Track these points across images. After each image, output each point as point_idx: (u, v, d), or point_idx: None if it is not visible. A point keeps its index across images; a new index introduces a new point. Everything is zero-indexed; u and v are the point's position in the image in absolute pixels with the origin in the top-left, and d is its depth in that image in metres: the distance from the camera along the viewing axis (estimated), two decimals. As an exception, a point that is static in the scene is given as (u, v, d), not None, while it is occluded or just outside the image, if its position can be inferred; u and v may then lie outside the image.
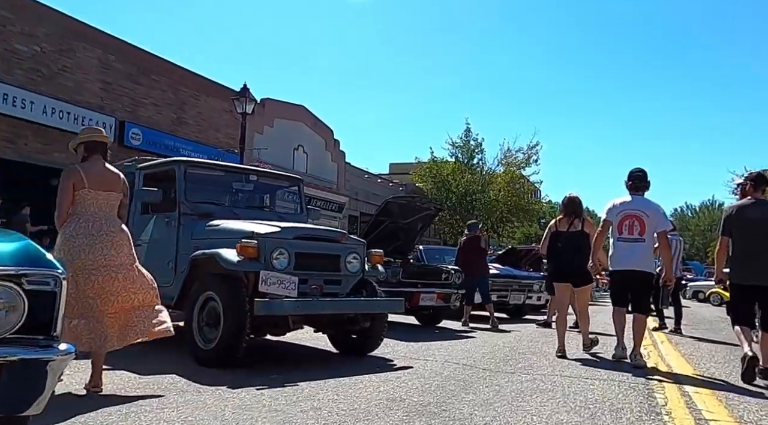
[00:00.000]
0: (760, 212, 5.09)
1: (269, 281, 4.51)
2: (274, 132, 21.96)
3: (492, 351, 6.31)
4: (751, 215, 5.12)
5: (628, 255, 5.58)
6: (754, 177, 5.32)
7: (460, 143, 32.19)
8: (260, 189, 6.51)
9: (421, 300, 8.50)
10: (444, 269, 9.24)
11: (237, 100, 15.06)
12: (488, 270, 9.71)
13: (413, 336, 7.60)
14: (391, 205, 8.71)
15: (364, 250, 5.57)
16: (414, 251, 12.36)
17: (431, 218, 9.37)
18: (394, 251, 9.59)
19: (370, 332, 5.58)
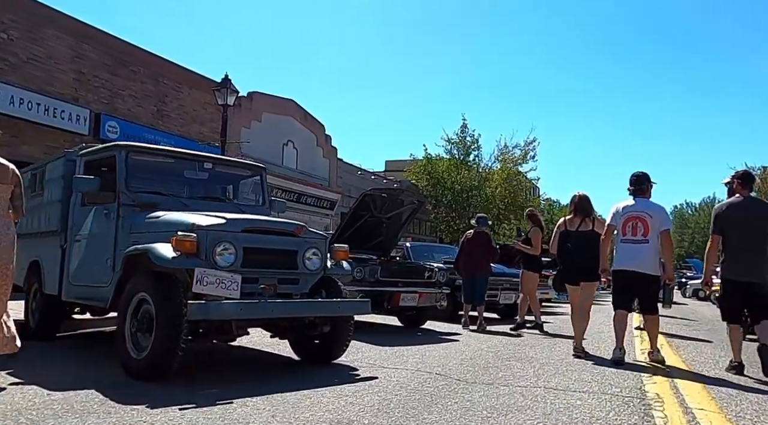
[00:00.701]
0: (748, 210, 5.20)
1: (205, 280, 3.89)
2: (262, 127, 21.35)
3: (472, 357, 5.71)
4: (740, 212, 5.20)
5: (632, 256, 5.55)
6: (740, 175, 5.42)
7: (455, 139, 31.57)
8: (218, 179, 5.89)
9: (402, 301, 7.89)
10: (427, 266, 8.62)
11: (218, 91, 14.43)
12: (491, 271, 8.85)
13: (391, 340, 6.99)
14: (371, 198, 8.09)
15: (325, 245, 4.95)
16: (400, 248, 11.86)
17: (414, 211, 8.75)
18: (376, 247, 9.00)
19: (334, 337, 4.97)
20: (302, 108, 24.12)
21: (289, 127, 23.19)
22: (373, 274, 7.74)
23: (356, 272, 7.59)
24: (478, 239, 8.72)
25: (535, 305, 8.77)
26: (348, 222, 8.17)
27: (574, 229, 6.26)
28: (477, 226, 9.03)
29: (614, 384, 4.52)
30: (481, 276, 8.66)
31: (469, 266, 8.65)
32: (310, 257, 4.79)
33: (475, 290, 8.68)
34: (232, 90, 14.49)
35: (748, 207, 5.24)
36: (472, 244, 8.72)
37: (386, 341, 6.84)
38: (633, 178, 5.82)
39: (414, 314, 8.77)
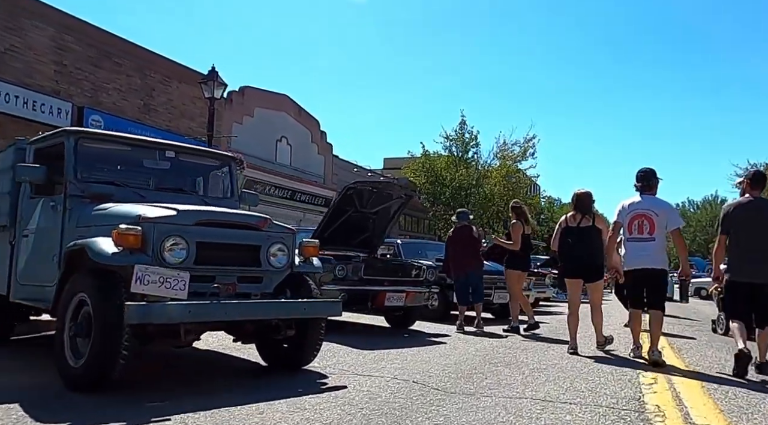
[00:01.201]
0: (757, 211, 5.14)
1: (146, 279, 3.44)
2: (255, 122, 20.89)
3: (458, 362, 5.26)
4: (748, 213, 5.15)
5: (639, 254, 5.56)
6: (751, 176, 5.38)
7: (454, 135, 31.10)
8: (182, 169, 5.42)
9: (387, 300, 7.43)
10: (415, 264, 8.16)
11: (204, 84, 13.95)
12: (482, 265, 8.38)
13: (374, 342, 6.55)
14: (354, 191, 7.64)
15: (293, 240, 4.50)
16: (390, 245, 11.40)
17: (403, 205, 8.29)
18: (363, 244, 8.55)
19: (302, 341, 4.52)
20: (296, 103, 23.66)
21: (283, 123, 22.72)
22: (356, 272, 7.28)
23: (338, 270, 7.15)
24: (461, 235, 8.25)
25: (525, 305, 8.22)
26: (331, 218, 7.72)
27: (575, 225, 6.28)
28: (458, 221, 8.52)
29: (610, 394, 4.07)
30: (474, 273, 8.19)
31: (458, 266, 8.17)
32: (275, 253, 4.34)
33: (470, 290, 8.22)
34: (220, 83, 14.01)
35: (757, 208, 5.17)
36: (457, 242, 8.26)
37: (368, 343, 6.40)
38: (640, 174, 5.76)
39: (402, 315, 8.33)
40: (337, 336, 6.91)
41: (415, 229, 35.60)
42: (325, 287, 7.12)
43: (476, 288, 8.22)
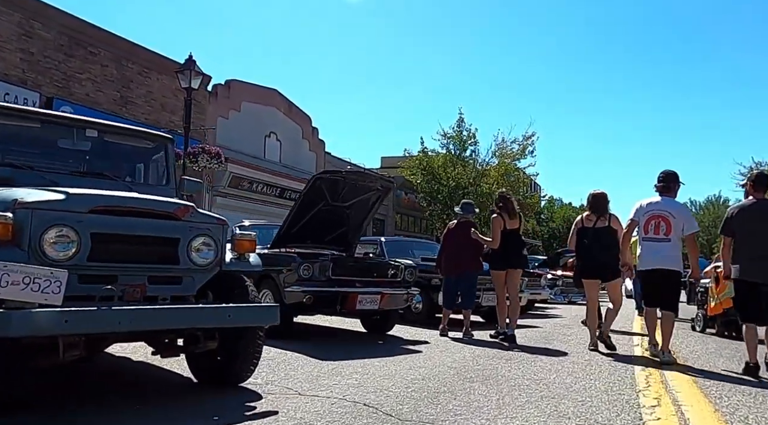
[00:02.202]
0: (761, 212, 5.15)
1: (4, 280, 2.68)
2: (242, 117, 20.15)
3: (427, 377, 4.50)
4: (752, 215, 5.17)
5: (654, 255, 5.60)
6: (753, 178, 5.39)
7: (452, 133, 30.36)
8: (107, 151, 4.67)
9: (359, 303, 6.66)
10: (392, 263, 7.39)
11: (181, 73, 13.20)
12: (480, 267, 7.42)
13: (339, 351, 5.80)
14: (323, 182, 6.87)
15: (224, 232, 3.74)
16: (374, 244, 10.64)
17: (381, 198, 7.52)
18: (338, 241, 7.80)
19: (233, 355, 3.77)
20: (286, 98, 22.90)
21: (272, 118, 21.96)
22: (323, 272, 6.51)
23: (303, 270, 6.39)
24: (462, 230, 7.43)
25: (500, 310, 7.17)
26: (298, 212, 6.96)
27: (591, 225, 6.33)
28: (461, 214, 7.70)
29: (602, 421, 3.31)
30: (469, 275, 7.40)
31: (453, 264, 7.38)
32: (199, 248, 3.58)
33: (459, 293, 7.43)
34: (197, 72, 13.23)
35: (762, 209, 5.17)
36: (457, 236, 7.44)
37: (332, 352, 5.65)
38: (662, 175, 5.81)
39: (379, 319, 7.57)
40: (300, 343, 6.20)
41: (413, 229, 34.88)
42: (289, 288, 6.40)
43: (467, 292, 7.43)
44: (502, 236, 6.86)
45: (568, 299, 17.22)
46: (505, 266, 6.91)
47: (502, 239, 6.86)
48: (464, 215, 7.57)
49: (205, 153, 12.60)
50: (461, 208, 7.74)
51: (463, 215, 7.59)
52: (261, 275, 6.88)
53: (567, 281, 17.36)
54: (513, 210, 6.98)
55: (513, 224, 6.95)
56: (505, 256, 6.88)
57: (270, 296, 6.71)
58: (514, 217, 6.98)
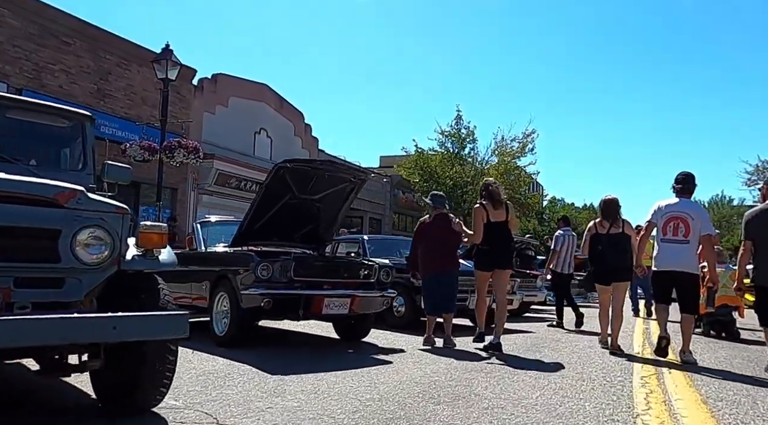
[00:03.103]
0: None
1: None
2: (230, 113, 19.47)
3: (385, 397, 3.78)
4: None
5: (672, 256, 5.60)
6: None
7: (450, 131, 29.61)
8: (12, 130, 3.98)
9: (326, 307, 5.95)
10: (364, 262, 6.67)
11: (157, 63, 12.52)
12: (458, 265, 6.80)
13: (298, 362, 5.10)
14: (288, 171, 6.15)
15: (123, 223, 3.04)
16: (356, 242, 9.94)
17: (354, 190, 6.80)
18: (307, 238, 7.10)
19: (137, 375, 3.06)
20: (277, 94, 22.22)
21: (262, 114, 21.28)
22: (284, 272, 5.80)
23: (260, 270, 5.69)
24: (436, 225, 6.70)
25: (479, 313, 6.43)
26: (260, 205, 6.25)
27: (604, 232, 6.38)
28: (433, 206, 6.90)
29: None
30: (449, 274, 6.65)
31: (428, 264, 6.64)
32: (88, 242, 2.88)
33: (441, 293, 6.70)
34: (174, 62, 12.57)
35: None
36: (429, 233, 6.73)
37: (289, 364, 4.95)
38: (681, 176, 5.80)
39: (353, 324, 6.86)
40: (258, 352, 5.52)
41: (411, 228, 34.13)
42: (246, 291, 5.69)
43: (448, 295, 6.67)
44: (486, 230, 6.10)
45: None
46: (491, 267, 6.16)
47: (486, 234, 6.09)
48: (436, 209, 6.81)
49: (182, 148, 11.92)
50: (431, 199, 6.95)
51: (434, 208, 6.82)
52: (217, 277, 6.22)
53: (567, 283, 16.63)
54: (498, 200, 6.16)
55: (498, 215, 6.13)
56: (490, 254, 6.11)
57: (226, 300, 6.02)
58: (500, 207, 6.15)
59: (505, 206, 6.24)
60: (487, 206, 6.14)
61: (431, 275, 6.64)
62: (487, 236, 6.08)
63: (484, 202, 6.22)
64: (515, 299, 9.23)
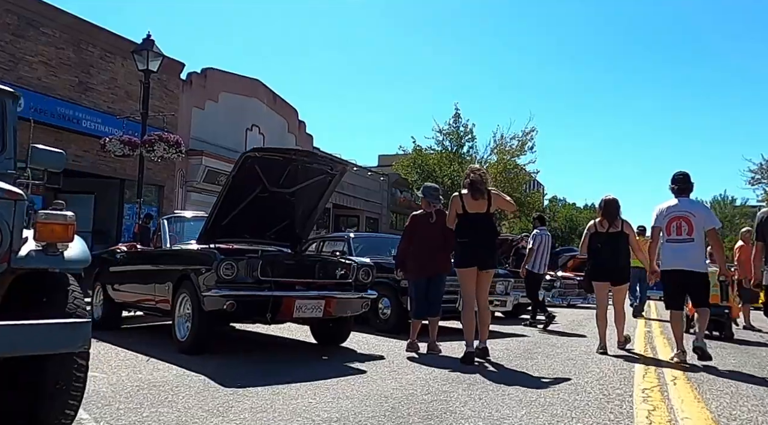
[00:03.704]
0: None
1: None
2: (220, 108, 18.95)
3: (344, 417, 3.25)
4: None
5: (678, 255, 5.61)
6: None
7: (448, 129, 29.06)
8: None
9: (297, 310, 5.42)
10: (342, 261, 6.13)
11: (138, 54, 12.04)
12: (449, 268, 6.04)
13: (263, 371, 4.58)
14: (256, 162, 5.61)
15: (15, 211, 2.52)
16: (343, 240, 9.42)
17: (332, 183, 6.27)
18: (282, 235, 6.58)
19: (39, 393, 2.54)
20: (270, 90, 21.69)
21: (254, 110, 20.75)
22: (251, 272, 5.27)
23: (223, 269, 5.16)
24: (428, 222, 6.12)
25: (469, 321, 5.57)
26: (228, 199, 5.73)
27: (604, 230, 6.40)
28: (426, 200, 6.27)
29: None
30: (441, 277, 6.13)
31: (420, 264, 6.09)
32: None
33: (428, 297, 6.13)
34: (156, 53, 12.09)
35: None
36: (420, 230, 6.16)
37: (252, 374, 4.42)
38: (679, 176, 5.84)
39: (331, 328, 6.34)
40: (221, 359, 5.02)
41: (407, 228, 33.61)
42: (207, 292, 5.16)
43: (435, 298, 6.13)
44: (463, 222, 5.52)
45: (567, 302, 15.85)
46: (473, 262, 5.49)
47: (464, 226, 5.52)
48: (430, 204, 6.27)
49: (162, 141, 11.40)
50: (424, 193, 6.35)
51: (428, 203, 6.28)
52: (179, 277, 5.69)
53: (566, 283, 16.06)
54: (477, 189, 5.44)
55: (477, 206, 5.45)
56: (470, 247, 5.47)
57: (188, 302, 5.50)
58: (480, 197, 5.44)
59: (488, 196, 5.53)
60: (465, 196, 5.52)
61: (421, 277, 6.11)
62: (464, 228, 5.51)
63: (463, 191, 5.61)
64: (508, 301, 8.68)
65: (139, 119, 12.36)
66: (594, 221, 6.63)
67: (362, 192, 29.04)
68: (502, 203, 5.81)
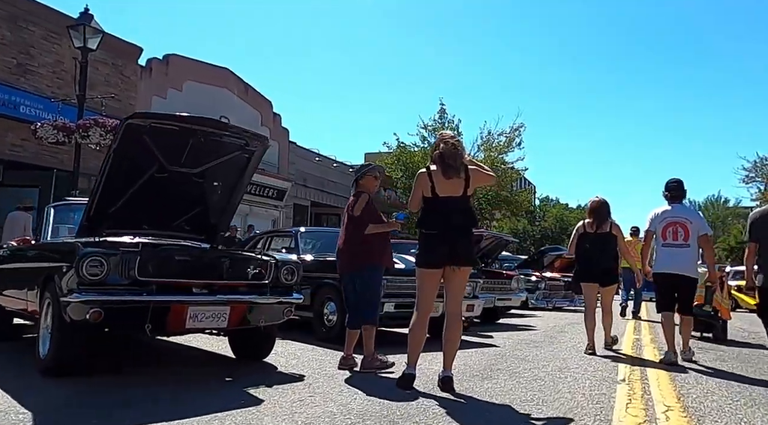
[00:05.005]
0: None
1: None
2: (185, 98, 17.71)
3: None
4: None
5: (673, 260, 5.69)
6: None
7: (433, 125, 27.96)
8: None
9: (191, 320, 4.24)
10: (255, 257, 4.92)
11: (74, 29, 10.82)
12: (391, 261, 5.26)
13: (127, 401, 3.43)
14: (144, 131, 4.41)
15: None
16: (288, 235, 8.25)
17: (251, 160, 5.07)
18: (197, 225, 5.43)
19: None
20: (241, 80, 20.52)
21: (223, 100, 19.53)
22: (126, 270, 4.10)
23: (88, 267, 3.96)
24: (367, 206, 4.98)
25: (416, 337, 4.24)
26: (111, 178, 4.55)
27: (592, 231, 6.39)
28: (363, 182, 5.12)
29: None
30: (370, 271, 4.93)
31: (345, 258, 5.00)
32: None
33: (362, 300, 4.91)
34: (95, 29, 10.88)
35: None
36: (359, 213, 4.95)
37: (104, 408, 3.27)
38: (673, 184, 5.93)
39: (253, 339, 5.17)
40: (80, 385, 3.87)
41: (395, 227, 32.51)
42: (67, 297, 3.97)
43: (367, 299, 4.90)
44: (434, 210, 4.19)
45: (552, 305, 14.69)
46: (441, 261, 4.14)
47: (435, 215, 4.18)
48: (372, 182, 5.14)
49: (99, 126, 10.19)
50: (358, 175, 5.21)
51: (365, 182, 5.13)
52: (45, 278, 4.49)
53: (552, 284, 14.91)
54: (450, 165, 4.13)
55: (449, 188, 4.14)
56: (443, 244, 4.11)
57: (51, 309, 4.31)
58: (453, 176, 4.12)
59: (465, 174, 4.17)
60: (435, 174, 4.19)
61: (350, 273, 4.98)
62: (433, 216, 4.19)
63: (432, 167, 4.25)
64: (476, 305, 7.49)
65: (74, 101, 11.13)
66: (583, 222, 6.59)
67: (343, 189, 27.84)
68: (483, 179, 4.45)
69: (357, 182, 5.22)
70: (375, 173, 5.27)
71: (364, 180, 5.18)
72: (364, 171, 5.25)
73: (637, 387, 4.36)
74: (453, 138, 4.36)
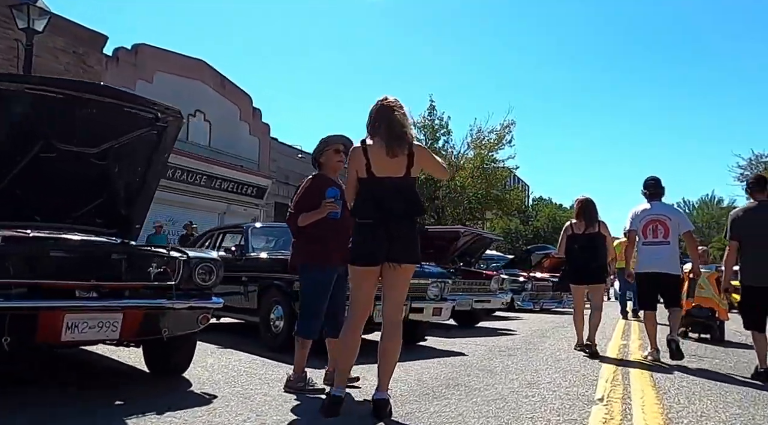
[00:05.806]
0: (764, 214, 5.05)
1: None
2: (155, 90, 16.75)
3: None
4: (756, 217, 5.08)
5: (654, 258, 5.75)
6: (751, 181, 5.38)
7: (422, 122, 27.17)
8: None
9: (70, 330, 3.42)
10: (159, 253, 4.05)
11: (17, 9, 9.99)
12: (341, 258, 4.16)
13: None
14: (21, 99, 3.64)
15: None
16: (240, 230, 7.42)
17: (162, 139, 4.29)
18: (105, 217, 4.62)
19: None
20: (218, 72, 19.67)
21: (199, 94, 18.67)
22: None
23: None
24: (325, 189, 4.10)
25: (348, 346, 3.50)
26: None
27: (580, 232, 6.34)
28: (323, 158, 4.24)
29: None
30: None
31: (313, 252, 4.07)
32: None
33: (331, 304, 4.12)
34: (41, 9, 10.05)
35: (762, 212, 5.06)
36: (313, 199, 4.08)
37: None
38: (652, 182, 6.01)
39: (170, 350, 4.35)
40: None
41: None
42: None
43: (341, 304, 4.14)
44: (368, 193, 3.42)
45: (539, 306, 13.91)
46: (375, 257, 3.38)
47: (369, 201, 3.40)
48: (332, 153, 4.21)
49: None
50: (319, 149, 4.27)
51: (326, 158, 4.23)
52: None
53: (539, 285, 14.13)
54: (392, 136, 3.35)
55: (390, 167, 3.37)
56: (378, 237, 3.35)
57: None
58: (396, 151, 3.34)
59: (408, 152, 3.39)
60: (371, 149, 3.40)
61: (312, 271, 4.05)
62: (367, 201, 3.42)
63: (369, 142, 3.44)
64: (444, 308, 6.62)
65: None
66: (570, 223, 6.52)
67: (328, 188, 27.05)
68: (431, 165, 3.64)
69: (317, 162, 4.36)
70: (336, 145, 4.21)
71: (324, 158, 4.25)
72: (322, 148, 4.26)
73: (616, 410, 3.58)
74: (395, 102, 3.47)
